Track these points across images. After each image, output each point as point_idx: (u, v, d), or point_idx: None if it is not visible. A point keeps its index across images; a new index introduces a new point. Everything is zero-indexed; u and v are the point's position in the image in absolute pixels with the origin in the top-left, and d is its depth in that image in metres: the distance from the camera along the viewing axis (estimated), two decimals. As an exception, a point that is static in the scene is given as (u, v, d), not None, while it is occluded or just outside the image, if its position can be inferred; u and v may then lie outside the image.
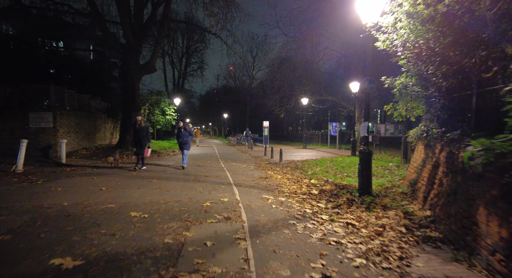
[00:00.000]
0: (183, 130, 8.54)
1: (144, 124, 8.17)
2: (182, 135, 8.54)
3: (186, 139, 8.55)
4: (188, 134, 8.62)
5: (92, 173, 7.20)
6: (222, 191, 5.50)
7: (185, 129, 8.58)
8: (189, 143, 8.68)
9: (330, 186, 6.27)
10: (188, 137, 8.60)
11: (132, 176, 6.94)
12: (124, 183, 6.04)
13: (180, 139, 8.62)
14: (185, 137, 8.53)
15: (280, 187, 6.31)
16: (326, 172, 8.64)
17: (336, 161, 11.34)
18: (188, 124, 8.87)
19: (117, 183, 5.94)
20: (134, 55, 13.37)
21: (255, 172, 8.47)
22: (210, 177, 7.15)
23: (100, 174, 7.12)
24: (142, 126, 8.07)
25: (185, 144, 8.61)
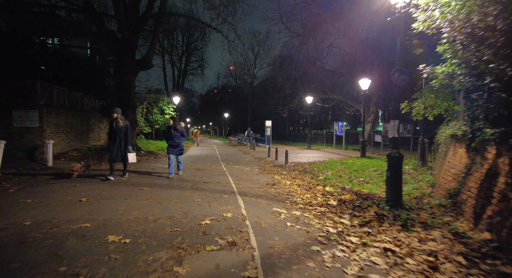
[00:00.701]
0: (173, 130, 6.88)
1: (123, 123, 6.54)
2: (173, 136, 6.90)
3: (178, 142, 6.92)
4: (180, 135, 6.95)
5: (77, 179, 6.34)
6: (225, 202, 4.64)
7: (176, 128, 6.86)
8: (181, 146, 7.06)
9: (350, 195, 5.42)
10: (180, 138, 6.96)
11: (122, 183, 6.09)
12: (110, 192, 5.19)
13: (170, 141, 6.96)
14: (176, 139, 6.91)
15: (291, 196, 5.45)
16: (339, 177, 7.78)
17: (346, 164, 10.49)
18: (180, 123, 7.08)
19: (101, 192, 5.09)
20: (130, 50, 12.52)
21: (261, 177, 7.61)
22: (210, 183, 6.30)
23: (85, 180, 6.27)
24: (120, 125, 6.47)
25: (176, 147, 6.96)
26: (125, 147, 6.62)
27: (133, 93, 12.94)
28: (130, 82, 12.63)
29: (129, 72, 12.52)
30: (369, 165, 10.15)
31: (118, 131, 6.44)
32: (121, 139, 6.52)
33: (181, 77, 39.53)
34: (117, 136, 6.46)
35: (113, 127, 6.45)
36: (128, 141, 6.66)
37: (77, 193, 4.99)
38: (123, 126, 6.54)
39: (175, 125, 6.89)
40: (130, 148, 6.73)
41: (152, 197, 4.82)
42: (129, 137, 6.72)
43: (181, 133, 6.99)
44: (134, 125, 13.05)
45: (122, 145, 6.55)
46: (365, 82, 13.56)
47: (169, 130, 7.00)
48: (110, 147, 6.51)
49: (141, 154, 12.55)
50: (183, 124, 7.11)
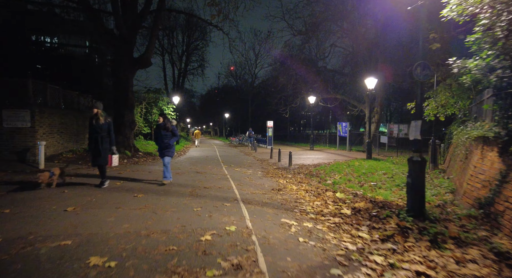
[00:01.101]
0: (163, 129, 5.96)
1: (104, 120, 5.57)
2: (162, 136, 5.97)
3: (168, 142, 6.00)
4: (170, 134, 6.03)
5: (67, 183, 5.87)
6: (227, 212, 4.16)
7: (166, 127, 5.96)
8: (172, 148, 6.13)
9: (364, 202, 4.93)
10: (171, 138, 6.03)
11: (114, 189, 5.62)
12: (101, 199, 4.72)
13: (158, 141, 6.08)
14: (165, 139, 5.98)
15: (300, 203, 4.97)
16: (348, 181, 7.31)
17: (353, 166, 10.01)
18: (171, 121, 6.17)
19: (91, 200, 4.61)
20: (127, 47, 12.07)
21: (265, 181, 7.13)
22: (211, 189, 5.82)
23: (77, 185, 5.80)
24: (101, 123, 5.53)
25: (166, 149, 6.01)
26: (106, 147, 5.64)
27: (131, 92, 12.48)
28: (128, 81, 12.18)
29: (126, 70, 12.08)
30: (377, 168, 9.69)
31: (100, 129, 5.53)
32: (103, 139, 5.57)
33: (181, 77, 39.11)
34: (98, 135, 5.54)
35: (93, 124, 5.55)
36: (112, 140, 5.74)
37: (64, 200, 4.51)
38: (105, 123, 5.59)
39: (165, 123, 5.99)
40: (114, 149, 5.81)
41: (147, 206, 4.34)
42: (113, 136, 5.77)
43: (172, 133, 6.07)
44: (132, 125, 12.59)
45: (104, 145, 5.59)
46: (371, 81, 13.07)
47: (158, 129, 6.09)
48: (91, 148, 5.61)
49: (139, 155, 12.09)
50: (175, 122, 6.18)
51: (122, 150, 11.88)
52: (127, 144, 12.24)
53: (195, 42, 38.63)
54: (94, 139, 5.55)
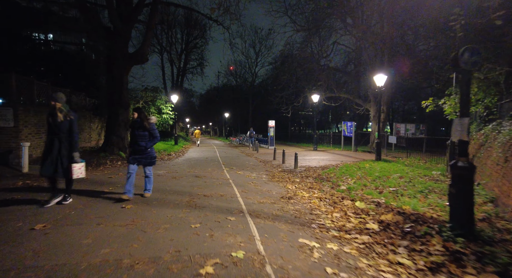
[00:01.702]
0: (138, 127, 4.68)
1: (64, 117, 4.16)
2: (137, 137, 4.66)
3: (145, 146, 4.67)
4: (148, 135, 4.70)
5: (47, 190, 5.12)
6: (232, 229, 3.43)
7: (143, 126, 4.64)
8: (150, 152, 4.77)
9: (392, 215, 4.20)
10: (149, 140, 4.73)
11: (102, 197, 4.88)
12: (82, 212, 3.97)
13: (132, 144, 4.75)
14: (141, 141, 4.65)
15: (316, 216, 4.24)
16: (364, 186, 6.58)
17: (364, 169, 9.29)
18: (150, 117, 4.84)
19: (69, 213, 3.87)
20: (122, 42, 11.32)
21: (271, 187, 6.39)
22: (212, 197, 5.08)
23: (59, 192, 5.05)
24: (59, 120, 4.11)
25: (141, 153, 4.67)
26: (66, 153, 4.17)
27: (126, 90, 11.74)
28: (122, 77, 11.44)
29: (121, 66, 11.33)
30: (390, 170, 8.97)
31: (57, 129, 4.11)
32: (62, 142, 4.14)
33: (180, 76, 38.36)
34: (55, 137, 4.14)
35: (50, 122, 4.17)
36: (73, 144, 4.22)
37: (36, 215, 3.77)
38: (65, 122, 4.14)
39: (142, 121, 4.64)
40: (76, 155, 4.22)
41: (135, 221, 3.60)
42: (76, 138, 4.25)
43: (150, 133, 4.70)
44: (127, 125, 11.84)
45: (62, 151, 4.14)
46: (380, 77, 12.34)
47: (132, 127, 4.71)
48: (45, 153, 4.18)
49: (134, 157, 11.34)
50: (154, 119, 4.88)
51: (116, 152, 11.16)
52: (122, 145, 11.49)
53: (194, 40, 37.91)
54: (50, 142, 4.16)
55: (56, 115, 4.13)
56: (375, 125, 20.31)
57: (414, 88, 29.70)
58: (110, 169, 8.68)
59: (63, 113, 4.19)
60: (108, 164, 9.61)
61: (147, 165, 4.88)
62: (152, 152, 4.88)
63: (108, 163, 9.69)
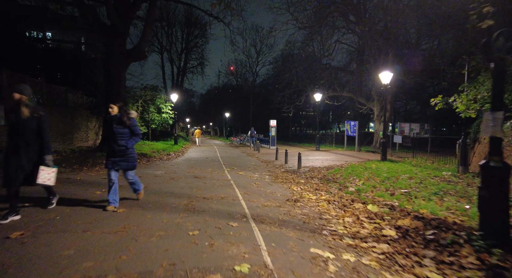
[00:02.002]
0: (116, 124, 3.85)
1: (31, 112, 3.37)
2: (115, 135, 3.86)
3: (125, 145, 3.91)
4: (128, 132, 3.95)
5: (33, 192, 4.75)
6: (234, 237, 3.05)
7: (122, 121, 3.86)
8: (131, 155, 4.04)
9: (410, 219, 3.82)
10: (129, 139, 3.98)
11: (92, 199, 4.52)
12: (68, 217, 3.61)
13: (110, 143, 3.96)
14: (121, 140, 3.88)
15: (326, 221, 3.86)
16: (373, 187, 6.20)
17: (371, 169, 8.92)
18: (131, 112, 4.09)
19: (54, 218, 3.51)
20: (119, 38, 10.97)
21: (275, 188, 6.02)
22: (212, 200, 4.70)
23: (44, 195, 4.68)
24: (25, 117, 3.33)
25: (121, 155, 3.93)
26: (33, 155, 3.44)
27: (123, 87, 11.38)
28: (120, 75, 11.08)
29: (118, 63, 10.98)
30: (398, 171, 8.59)
31: (23, 128, 3.34)
32: (29, 144, 3.39)
33: (181, 76, 38.07)
34: (19, 138, 3.35)
35: (12, 119, 3.38)
36: (44, 146, 3.49)
37: (15, 221, 3.40)
38: (32, 119, 3.37)
39: (121, 116, 3.85)
40: (47, 158, 3.50)
41: (126, 227, 3.23)
42: (47, 138, 3.50)
43: (131, 130, 3.95)
44: (124, 124, 11.48)
45: (30, 154, 3.41)
46: (386, 75, 11.96)
47: (108, 123, 3.89)
48: (7, 158, 3.38)
49: (132, 157, 10.97)
50: (135, 114, 4.16)
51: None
52: (119, 144, 11.13)
53: (194, 39, 37.63)
54: (14, 143, 3.36)
55: (20, 111, 3.32)
56: (379, 124, 19.94)
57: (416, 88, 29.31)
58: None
59: (29, 109, 3.36)
60: (104, 164, 9.22)
61: (128, 170, 4.08)
62: (134, 153, 4.12)
63: (104, 163, 9.31)
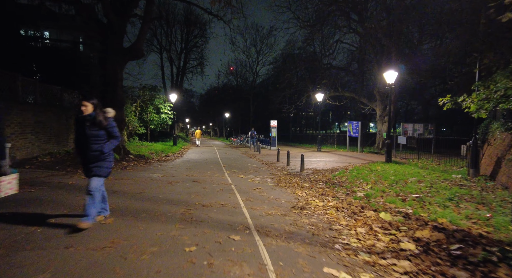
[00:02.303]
0: (91, 125, 3.22)
1: None
2: (88, 138, 3.23)
3: (100, 149, 3.28)
4: (105, 135, 3.34)
5: (17, 200, 4.41)
6: (237, 253, 2.70)
7: (97, 122, 3.24)
8: (107, 160, 3.39)
9: (429, 230, 3.47)
10: (106, 143, 3.35)
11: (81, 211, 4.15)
12: (48, 231, 3.25)
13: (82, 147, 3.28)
14: (94, 144, 3.25)
15: (337, 232, 3.51)
16: (382, 192, 5.85)
17: (376, 171, 8.58)
18: (107, 110, 3.46)
19: (33, 232, 3.15)
20: (116, 36, 10.61)
21: (279, 193, 5.66)
22: (212, 207, 4.35)
23: (30, 202, 4.34)
24: None
25: (95, 162, 3.29)
26: None
27: (120, 87, 11.02)
28: (117, 74, 10.72)
29: (115, 62, 10.62)
30: (405, 173, 8.25)
31: None
32: None
33: (180, 76, 37.70)
34: None
35: None
36: None
37: (-7, 233, 3.04)
38: None
39: (96, 115, 3.21)
40: (4, 163, 2.98)
41: (115, 242, 2.88)
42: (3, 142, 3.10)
43: (108, 132, 3.33)
44: (121, 125, 11.13)
45: None
46: (390, 74, 11.61)
47: (80, 124, 3.23)
48: None
49: (129, 159, 10.62)
50: (113, 113, 3.52)
51: (110, 153, 10.42)
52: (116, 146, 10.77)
53: (194, 39, 37.32)
54: None
55: None
56: (381, 125, 19.60)
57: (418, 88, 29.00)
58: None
59: None
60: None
61: (101, 176, 3.34)
62: (110, 159, 3.43)
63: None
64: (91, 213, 3.21)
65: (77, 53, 14.70)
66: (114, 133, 3.42)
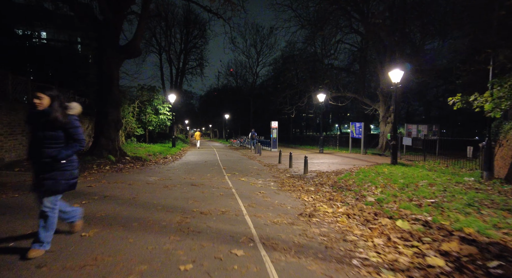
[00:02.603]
0: (45, 124, 2.48)
1: None
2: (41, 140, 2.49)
3: (55, 155, 2.51)
4: (63, 136, 2.55)
5: None
6: (240, 272, 2.30)
7: (52, 119, 2.46)
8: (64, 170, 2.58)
9: (457, 243, 3.06)
10: (63, 147, 2.57)
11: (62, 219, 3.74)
12: (21, 242, 2.83)
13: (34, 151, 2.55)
14: (48, 147, 2.51)
15: (353, 244, 3.10)
16: (394, 196, 5.45)
17: (384, 174, 8.19)
18: (70, 106, 2.62)
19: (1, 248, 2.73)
20: (112, 34, 10.24)
21: (284, 198, 5.25)
22: (211, 215, 3.94)
23: (8, 209, 3.94)
24: None
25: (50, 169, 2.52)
26: None
27: (116, 86, 10.64)
28: (113, 73, 10.34)
29: (111, 60, 10.25)
30: (414, 176, 7.85)
31: None
32: None
33: (179, 77, 37.35)
34: None
35: None
36: None
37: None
38: None
39: (51, 111, 2.48)
40: None
41: (98, 258, 2.47)
42: None
43: (67, 133, 2.58)
44: (117, 125, 10.74)
45: None
46: (396, 73, 11.23)
47: (32, 121, 2.54)
48: None
49: (125, 161, 10.22)
50: (78, 109, 2.71)
51: (105, 155, 10.02)
52: (112, 147, 10.38)
53: (193, 40, 37.04)
54: None
55: None
56: (384, 126, 19.22)
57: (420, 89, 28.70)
58: (95, 175, 7.56)
59: None
60: (94, 168, 8.49)
61: (49, 194, 2.54)
62: (71, 169, 2.65)
63: (94, 168, 8.58)
64: (43, 239, 2.54)
65: (73, 52, 14.32)
66: (76, 135, 2.61)
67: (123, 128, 15.84)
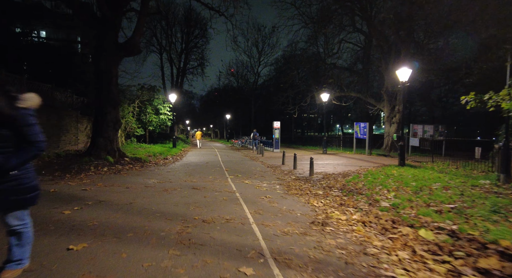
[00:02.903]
0: None
1: None
2: None
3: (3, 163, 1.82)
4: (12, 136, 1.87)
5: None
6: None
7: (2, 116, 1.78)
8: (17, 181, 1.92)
9: (496, 259, 2.70)
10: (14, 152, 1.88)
11: (53, 225, 3.40)
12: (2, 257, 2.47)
13: None
14: None
15: (374, 257, 2.74)
16: (409, 201, 5.09)
17: (393, 176, 7.82)
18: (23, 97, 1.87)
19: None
20: (110, 31, 9.90)
21: (292, 203, 4.89)
22: (215, 224, 3.58)
23: None
24: None
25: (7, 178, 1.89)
26: None
27: (115, 85, 10.30)
28: (111, 71, 10.00)
29: (109, 58, 9.91)
30: (425, 178, 7.48)
31: None
32: None
33: (180, 77, 37.06)
34: None
35: None
36: None
37: None
38: None
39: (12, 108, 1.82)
40: None
41: (85, 276, 2.12)
42: None
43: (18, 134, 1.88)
44: (116, 125, 10.39)
45: None
46: (404, 72, 10.85)
47: None
48: None
49: (124, 162, 9.88)
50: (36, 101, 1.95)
51: (104, 156, 9.68)
52: (110, 148, 10.04)
53: (194, 39, 36.75)
54: None
55: None
56: (389, 126, 18.83)
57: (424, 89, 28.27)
58: (92, 177, 7.21)
59: None
60: (91, 170, 8.14)
61: (12, 209, 2.00)
62: (26, 181, 1.99)
63: (91, 169, 8.23)
64: (20, 255, 2.11)
65: (72, 51, 14.01)
66: (31, 135, 1.92)
67: (122, 128, 15.51)
